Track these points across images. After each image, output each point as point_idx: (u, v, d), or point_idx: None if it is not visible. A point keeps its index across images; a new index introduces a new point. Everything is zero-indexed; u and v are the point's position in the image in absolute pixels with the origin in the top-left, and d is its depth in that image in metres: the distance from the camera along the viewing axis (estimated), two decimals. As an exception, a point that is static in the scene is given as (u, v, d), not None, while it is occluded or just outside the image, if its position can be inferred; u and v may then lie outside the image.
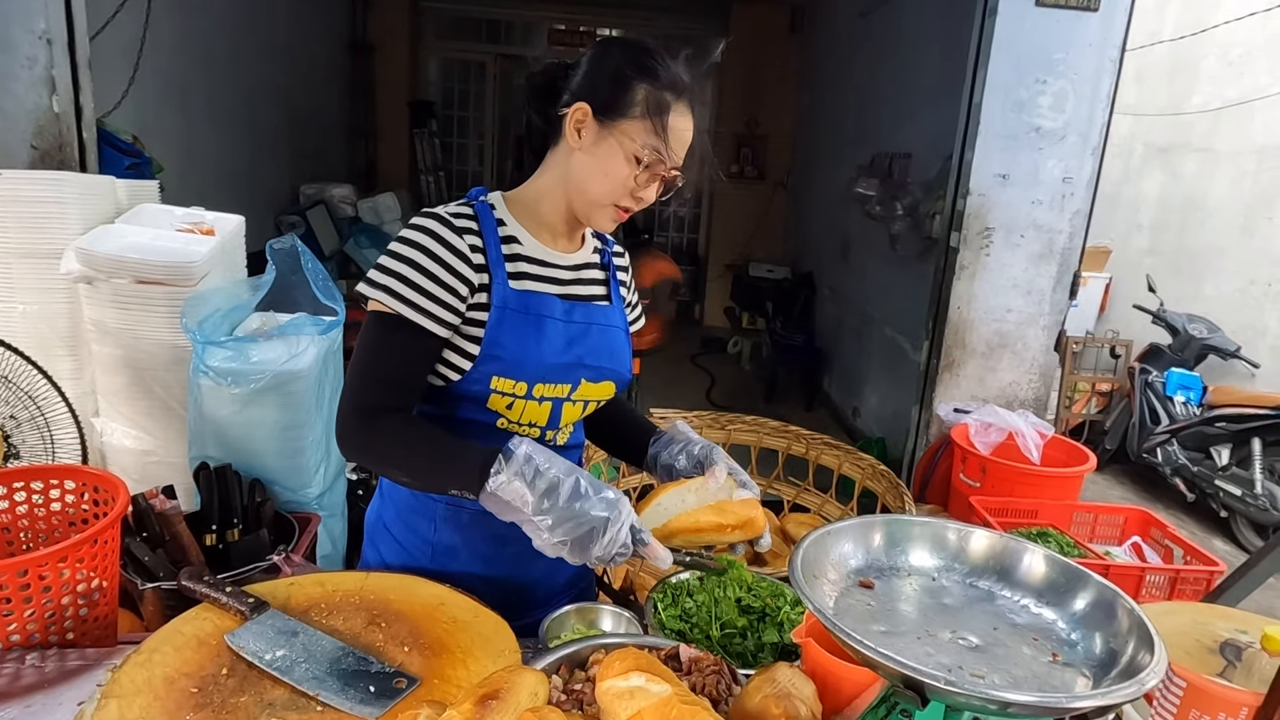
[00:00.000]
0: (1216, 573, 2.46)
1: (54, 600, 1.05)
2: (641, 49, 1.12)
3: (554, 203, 1.18)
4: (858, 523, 0.81)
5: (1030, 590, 0.76)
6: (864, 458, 1.73)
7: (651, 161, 1.10)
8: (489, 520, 1.21)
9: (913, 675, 0.60)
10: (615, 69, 1.10)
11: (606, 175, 1.11)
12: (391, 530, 1.26)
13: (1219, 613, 1.21)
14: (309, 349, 1.60)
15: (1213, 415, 4.46)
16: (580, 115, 1.10)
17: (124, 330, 1.52)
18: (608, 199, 1.13)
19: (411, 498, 1.23)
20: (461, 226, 1.12)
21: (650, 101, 1.08)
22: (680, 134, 1.11)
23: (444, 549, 1.22)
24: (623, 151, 1.09)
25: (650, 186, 1.13)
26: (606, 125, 1.10)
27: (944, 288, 3.33)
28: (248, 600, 0.98)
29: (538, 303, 1.14)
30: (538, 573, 1.25)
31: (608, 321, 1.22)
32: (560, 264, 1.20)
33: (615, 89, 1.09)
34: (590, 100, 1.10)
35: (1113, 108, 3.12)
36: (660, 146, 1.09)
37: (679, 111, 1.10)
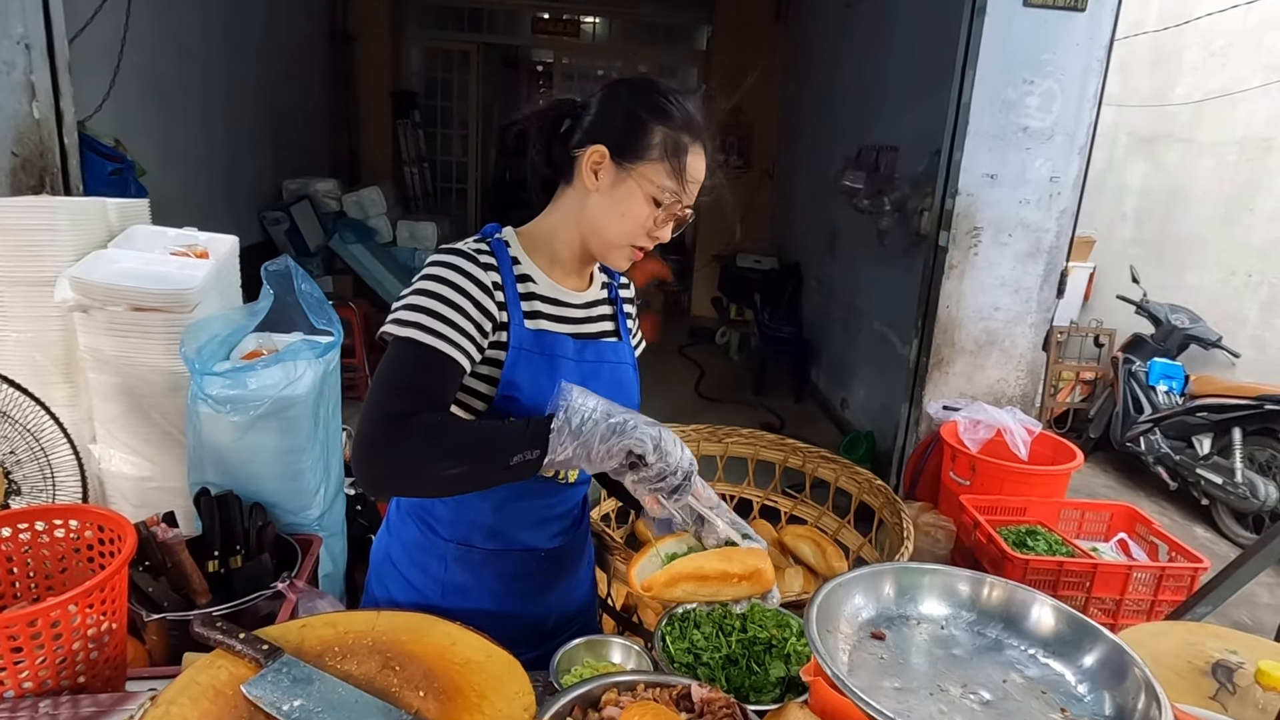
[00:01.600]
0: (1201, 569, 2.52)
1: (65, 646, 1.05)
2: (656, 91, 1.13)
3: (567, 241, 1.18)
4: (868, 573, 0.83)
5: (1038, 641, 0.78)
6: (860, 472, 1.75)
7: (669, 202, 1.11)
8: (500, 559, 1.24)
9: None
10: (632, 111, 1.11)
11: (624, 216, 1.12)
12: (400, 569, 1.27)
13: (1210, 632, 1.24)
14: (306, 373, 1.59)
15: (1194, 405, 4.53)
16: (597, 157, 1.11)
17: (120, 358, 1.51)
18: (625, 239, 1.14)
19: (421, 537, 1.24)
20: (485, 263, 1.12)
21: (668, 144, 1.10)
22: (696, 174, 1.13)
23: (455, 587, 1.23)
24: (641, 193, 1.11)
25: (666, 226, 1.15)
26: (624, 168, 1.11)
27: (933, 287, 3.35)
28: (262, 647, 0.98)
29: (551, 343, 1.15)
30: (546, 607, 1.27)
31: (618, 359, 1.23)
32: (573, 302, 1.21)
33: (633, 131, 1.10)
34: (607, 142, 1.11)
35: (1100, 107, 3.14)
36: (677, 188, 1.11)
37: (694, 152, 1.12)
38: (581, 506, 1.37)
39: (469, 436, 1.01)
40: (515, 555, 1.24)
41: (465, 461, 0.98)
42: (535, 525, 1.25)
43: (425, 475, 1.00)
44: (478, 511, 1.20)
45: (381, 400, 1.02)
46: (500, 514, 1.21)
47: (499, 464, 0.96)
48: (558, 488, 1.25)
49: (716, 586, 0.99)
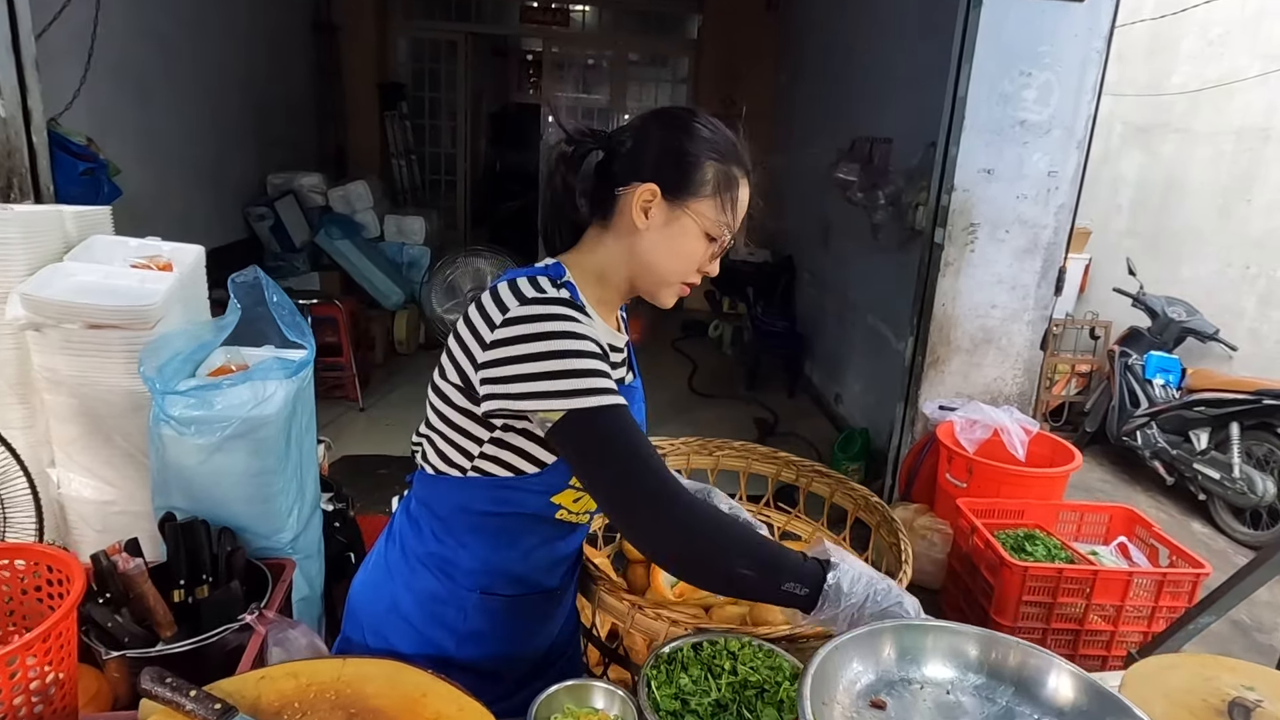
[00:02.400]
0: (1203, 575, 2.48)
1: (4, 703, 0.98)
2: (701, 124, 1.08)
3: (615, 283, 1.13)
4: (865, 633, 0.77)
5: (1053, 710, 0.72)
6: (856, 488, 1.68)
7: (721, 238, 1.10)
8: (521, 604, 1.19)
9: None
10: (680, 147, 1.06)
11: (678, 255, 1.09)
12: (411, 621, 1.18)
13: (1225, 665, 1.18)
14: (277, 392, 1.52)
15: (1191, 399, 4.49)
16: (648, 196, 1.06)
17: (77, 377, 1.43)
18: (678, 277, 1.11)
19: (439, 587, 1.15)
20: (579, 307, 1.03)
21: (720, 179, 1.07)
22: (744, 204, 1.12)
23: (471, 636, 1.17)
24: (696, 230, 1.07)
25: (716, 260, 1.13)
26: (677, 205, 1.06)
27: (928, 284, 3.29)
28: (214, 706, 0.91)
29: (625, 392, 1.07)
30: (547, 643, 1.25)
31: (635, 400, 1.18)
32: (620, 346, 1.17)
33: (684, 168, 1.06)
34: (656, 180, 1.06)
35: (1099, 100, 3.07)
36: (730, 222, 1.09)
37: (744, 184, 1.10)
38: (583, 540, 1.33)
39: (756, 542, 0.97)
40: (534, 598, 1.21)
41: (755, 567, 0.95)
42: (554, 565, 1.22)
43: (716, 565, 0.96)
44: (505, 560, 1.15)
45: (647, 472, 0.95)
46: (528, 560, 1.16)
47: (775, 582, 0.95)
48: (575, 527, 1.20)
49: None
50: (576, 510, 1.14)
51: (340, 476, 3.99)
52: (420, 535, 1.17)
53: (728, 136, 1.09)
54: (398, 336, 6.12)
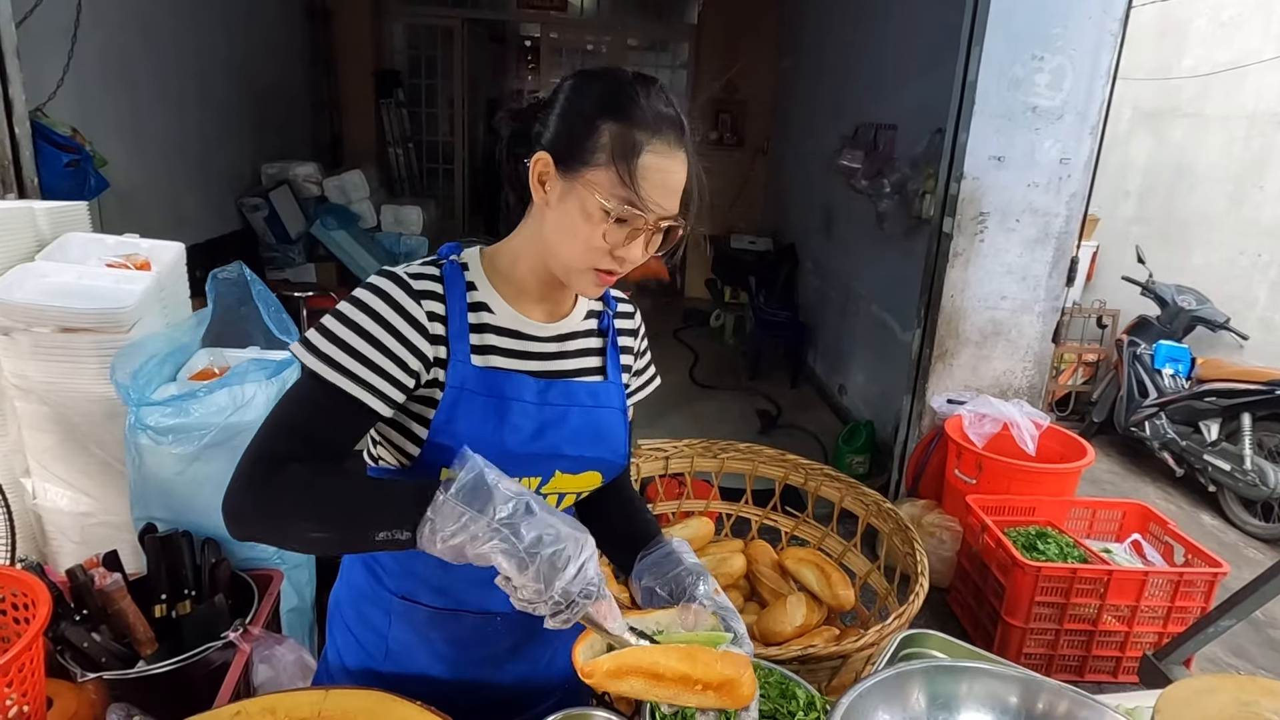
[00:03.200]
0: (1220, 575, 2.41)
1: (-37, 740, 0.92)
2: (610, 81, 0.93)
3: (530, 264, 1.01)
4: (891, 676, 0.69)
5: (1101, 767, 0.65)
6: (868, 493, 1.61)
7: (624, 215, 0.91)
8: (449, 620, 1.08)
9: None
10: (577, 109, 0.93)
11: (575, 236, 0.93)
12: (346, 620, 1.12)
13: (1263, 688, 1.12)
14: (257, 396, 1.44)
15: (1202, 390, 4.41)
16: (542, 166, 0.93)
17: (49, 384, 1.36)
18: (583, 262, 0.95)
19: (366, 585, 1.09)
20: (421, 290, 0.96)
21: (616, 144, 0.90)
22: (660, 177, 0.92)
23: (400, 646, 1.08)
24: (588, 206, 0.91)
25: (633, 244, 0.94)
26: (569, 177, 0.92)
27: (936, 275, 3.21)
28: (185, 748, 0.85)
29: (504, 383, 0.98)
30: (511, 676, 1.12)
31: (595, 402, 1.05)
32: (538, 335, 1.04)
33: (577, 133, 0.91)
34: (551, 148, 0.93)
35: (1113, 84, 2.98)
36: (631, 197, 0.90)
37: (657, 151, 0.91)
38: None
39: (339, 499, 0.85)
40: (467, 617, 1.08)
41: (328, 526, 0.85)
42: (489, 585, 1.07)
43: (285, 530, 0.87)
44: (423, 564, 1.05)
45: (266, 435, 0.90)
46: (446, 569, 1.02)
47: (364, 537, 0.82)
48: None
49: (674, 690, 0.80)
50: None
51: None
52: None
53: (640, 98, 0.92)
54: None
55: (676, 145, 0.93)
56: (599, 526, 1.11)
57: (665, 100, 0.94)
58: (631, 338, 1.16)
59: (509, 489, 0.80)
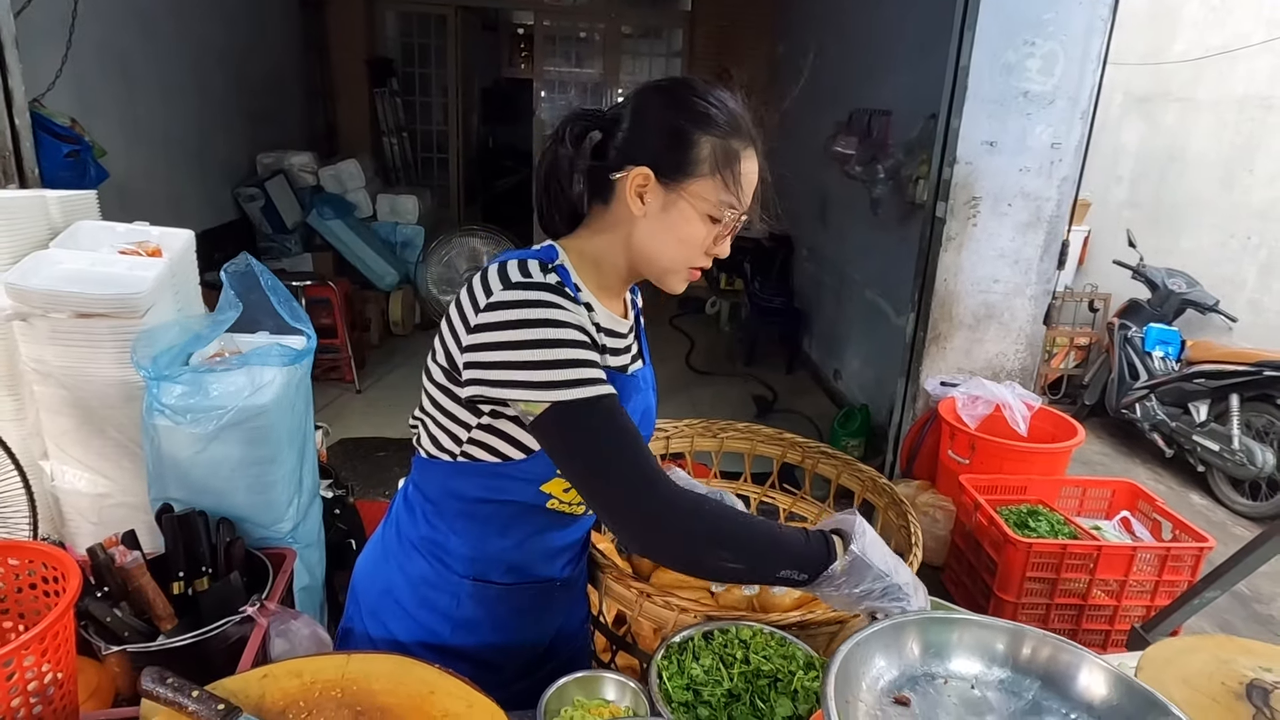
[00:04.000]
0: (1206, 549, 2.47)
1: (2, 704, 0.96)
2: (695, 94, 1.00)
3: (615, 267, 1.06)
4: (889, 627, 0.74)
5: (1083, 706, 0.70)
6: (863, 469, 1.66)
7: (727, 218, 1.01)
8: (517, 593, 1.16)
9: None
10: (671, 124, 0.99)
11: (680, 241, 1.01)
12: (404, 605, 1.16)
13: (1241, 647, 1.17)
14: (274, 380, 1.48)
15: (1191, 371, 4.48)
16: (641, 180, 0.99)
17: (67, 369, 1.39)
18: (683, 264, 1.04)
19: (431, 572, 1.13)
20: (570, 295, 0.98)
21: (718, 155, 0.98)
22: (750, 181, 1.02)
23: (465, 623, 1.14)
24: (696, 213, 0.99)
25: (725, 240, 1.04)
26: (673, 188, 0.99)
27: (930, 259, 3.25)
28: (217, 707, 0.89)
29: (614, 381, 1.01)
30: (551, 634, 1.22)
31: (647, 386, 1.14)
32: (623, 332, 1.11)
33: (676, 146, 0.98)
34: (650, 163, 0.98)
35: (1104, 69, 3.01)
36: (734, 201, 1.00)
37: (747, 157, 1.01)
38: (590, 529, 1.28)
39: (753, 536, 0.93)
40: (531, 588, 1.17)
41: (742, 559, 0.92)
42: (554, 555, 1.17)
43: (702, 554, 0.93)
44: (498, 548, 1.11)
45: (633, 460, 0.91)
46: (522, 549, 1.12)
47: (768, 573, 0.94)
48: (574, 518, 1.15)
49: None
50: (568, 500, 1.08)
51: (338, 461, 3.97)
52: (414, 519, 1.14)
53: (726, 107, 1.00)
54: (393, 317, 6.07)
55: (755, 146, 1.03)
56: None
57: (741, 104, 1.02)
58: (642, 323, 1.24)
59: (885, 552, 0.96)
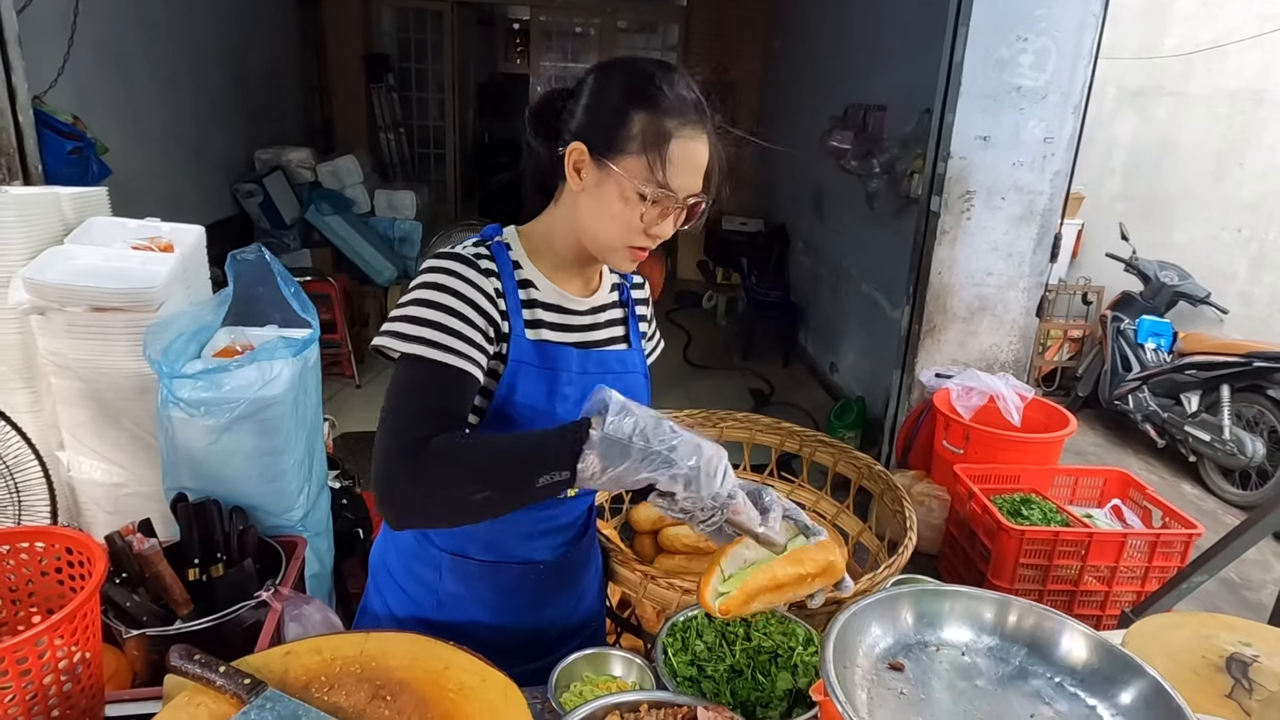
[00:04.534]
0: (1195, 535, 2.52)
1: (35, 682, 1.00)
2: (638, 73, 1.01)
3: (565, 243, 1.10)
4: (885, 598, 0.79)
5: (1067, 670, 0.74)
6: (860, 456, 1.70)
7: (657, 197, 0.99)
8: (496, 571, 1.18)
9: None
10: (608, 100, 1.00)
11: (611, 218, 1.01)
12: (395, 577, 1.21)
13: (1222, 623, 1.22)
14: (283, 372, 1.52)
15: (1183, 363, 4.54)
16: (577, 155, 1.01)
17: (83, 361, 1.43)
18: (619, 242, 1.04)
19: (415, 544, 1.17)
20: (485, 268, 1.04)
21: (648, 134, 0.98)
22: (687, 161, 1.00)
23: (450, 597, 1.17)
24: (625, 191, 0.99)
25: (664, 222, 1.03)
26: (604, 165, 1.00)
27: (925, 253, 3.29)
28: (244, 681, 0.93)
29: (553, 355, 1.07)
30: (547, 619, 1.22)
31: (624, 368, 1.15)
32: (576, 309, 1.13)
33: (610, 123, 0.99)
34: (585, 138, 1.01)
35: (1095, 65, 3.06)
36: (661, 180, 0.98)
37: (684, 137, 0.99)
38: (587, 515, 1.30)
39: (495, 456, 0.91)
40: (512, 568, 1.18)
41: (491, 483, 0.89)
42: (534, 537, 1.18)
43: (450, 503, 0.91)
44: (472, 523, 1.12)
45: (399, 425, 0.93)
46: (495, 526, 1.12)
47: (526, 486, 0.88)
48: (559, 500, 1.18)
49: (793, 591, 0.96)
50: None
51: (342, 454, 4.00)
52: None
53: (664, 87, 0.99)
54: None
55: (699, 127, 1.00)
56: None
57: (687, 85, 1.01)
58: (645, 307, 1.26)
59: (650, 416, 0.88)
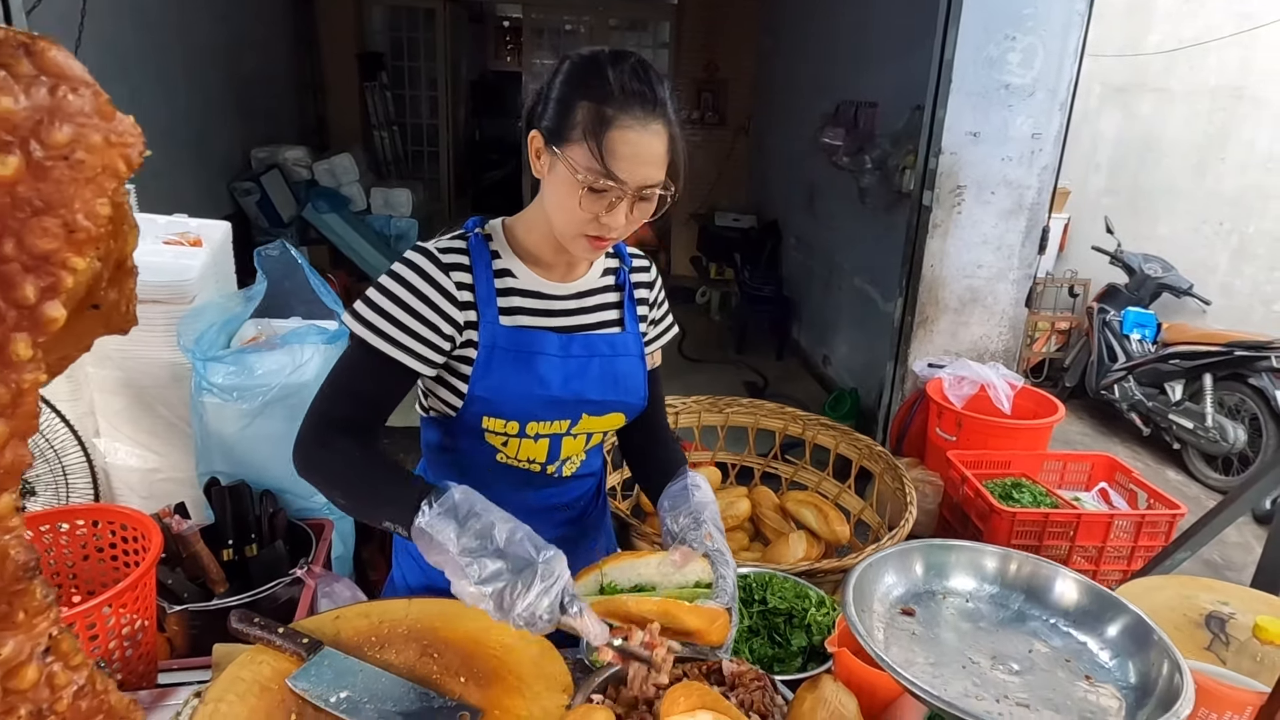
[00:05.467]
0: (1179, 515, 2.62)
1: (101, 646, 1.07)
2: (587, 62, 1.02)
3: (542, 232, 1.14)
4: (897, 552, 0.87)
5: (1059, 611, 0.82)
6: (861, 438, 1.79)
7: (598, 187, 1.00)
8: None
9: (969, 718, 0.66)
10: (557, 88, 1.04)
11: (562, 206, 1.04)
12: (411, 552, 1.28)
13: (1201, 585, 1.31)
14: (313, 358, 1.59)
15: (1167, 353, 4.66)
16: (537, 144, 1.06)
17: (120, 351, 1.49)
18: (571, 229, 1.05)
19: None
20: (449, 263, 1.11)
21: (589, 121, 0.98)
22: (631, 150, 0.99)
23: None
24: (571, 178, 1.00)
25: (614, 212, 1.02)
26: (555, 153, 1.02)
27: (917, 246, 3.38)
28: (302, 641, 1.00)
29: (530, 339, 1.13)
30: None
31: (614, 351, 1.20)
32: (556, 294, 1.18)
33: (559, 112, 1.02)
34: (541, 126, 1.05)
35: (1081, 62, 3.15)
36: (602, 169, 0.98)
37: (625, 125, 0.98)
38: (592, 497, 1.34)
39: (364, 478, 1.02)
40: None
41: (351, 500, 1.03)
42: (532, 514, 1.17)
43: (326, 492, 1.06)
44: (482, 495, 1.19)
45: (322, 397, 1.08)
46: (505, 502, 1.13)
47: (375, 519, 1.00)
48: (553, 480, 1.24)
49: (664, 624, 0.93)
50: (515, 456, 1.18)
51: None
52: (422, 472, 1.29)
53: (610, 77, 0.98)
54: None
55: (648, 118, 0.99)
56: (638, 461, 1.32)
57: (638, 76, 1.00)
58: (648, 290, 1.29)
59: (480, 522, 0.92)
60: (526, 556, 0.90)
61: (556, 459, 1.21)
